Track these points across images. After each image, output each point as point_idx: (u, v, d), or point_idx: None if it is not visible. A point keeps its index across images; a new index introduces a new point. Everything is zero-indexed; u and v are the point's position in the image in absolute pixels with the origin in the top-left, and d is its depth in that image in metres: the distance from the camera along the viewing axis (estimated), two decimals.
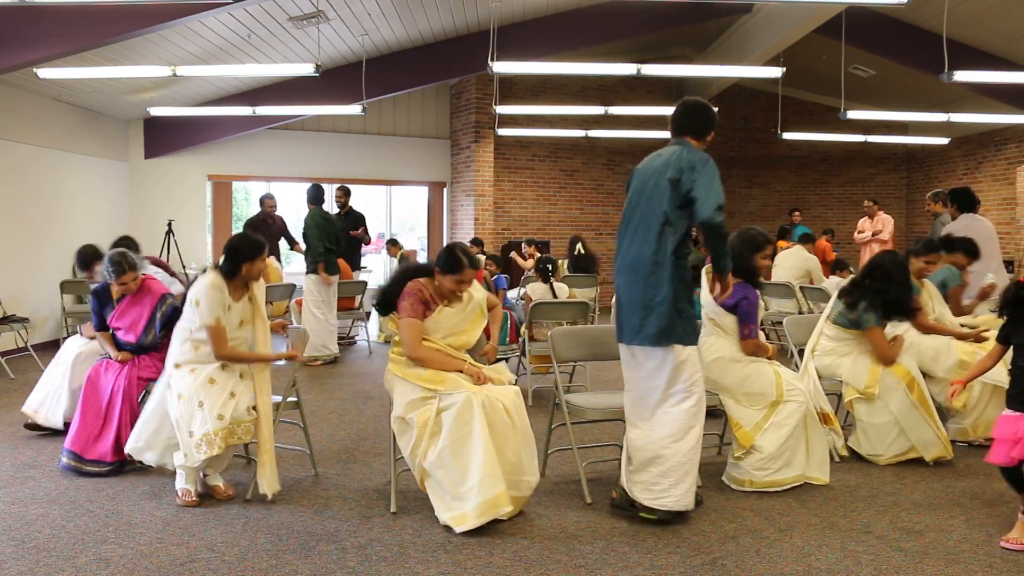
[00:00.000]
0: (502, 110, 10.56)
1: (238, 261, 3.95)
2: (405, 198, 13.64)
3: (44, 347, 8.54)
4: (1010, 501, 3.39)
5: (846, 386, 4.58)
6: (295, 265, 9.86)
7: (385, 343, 9.12)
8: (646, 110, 11.87)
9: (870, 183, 14.62)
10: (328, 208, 8.13)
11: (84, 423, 4.30)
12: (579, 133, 12.33)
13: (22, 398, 6.12)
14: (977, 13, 8.95)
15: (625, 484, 3.68)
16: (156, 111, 9.57)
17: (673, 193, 3.49)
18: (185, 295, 4.12)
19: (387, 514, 3.71)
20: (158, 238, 10.09)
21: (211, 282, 3.90)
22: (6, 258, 8.14)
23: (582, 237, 9.67)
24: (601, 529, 3.55)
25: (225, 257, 3.99)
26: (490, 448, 3.43)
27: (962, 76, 7.57)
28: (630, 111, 12.00)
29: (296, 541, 3.40)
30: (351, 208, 9.47)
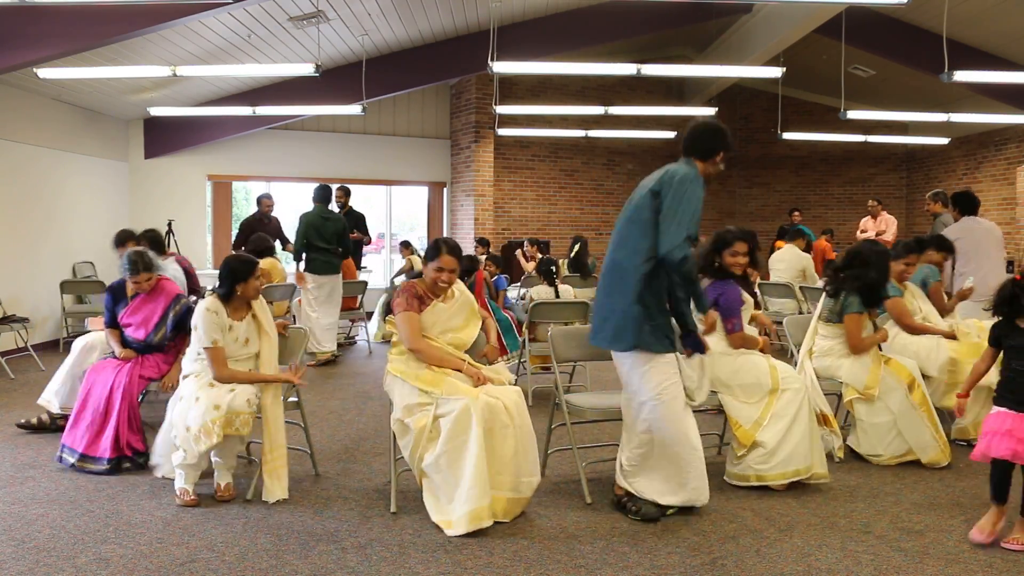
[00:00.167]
0: (502, 110, 10.56)
1: (232, 283, 4.03)
2: (405, 198, 13.62)
3: (44, 347, 8.55)
4: (1010, 501, 3.38)
5: (846, 386, 4.57)
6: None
7: (384, 342, 9.12)
8: (646, 110, 11.89)
9: (870, 183, 14.62)
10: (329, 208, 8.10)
11: (85, 419, 4.31)
12: (579, 133, 12.33)
13: (22, 398, 6.15)
14: (977, 13, 8.95)
15: (620, 481, 3.73)
16: (156, 111, 9.57)
17: (652, 204, 3.54)
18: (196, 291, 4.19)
19: (387, 514, 3.72)
20: None
21: (207, 306, 4.00)
22: (6, 258, 8.15)
23: (583, 238, 9.66)
24: (601, 529, 3.55)
25: (220, 281, 4.08)
26: (483, 459, 3.45)
27: (962, 76, 7.57)
28: (630, 111, 12.01)
29: (296, 541, 3.40)
30: (351, 208, 9.47)
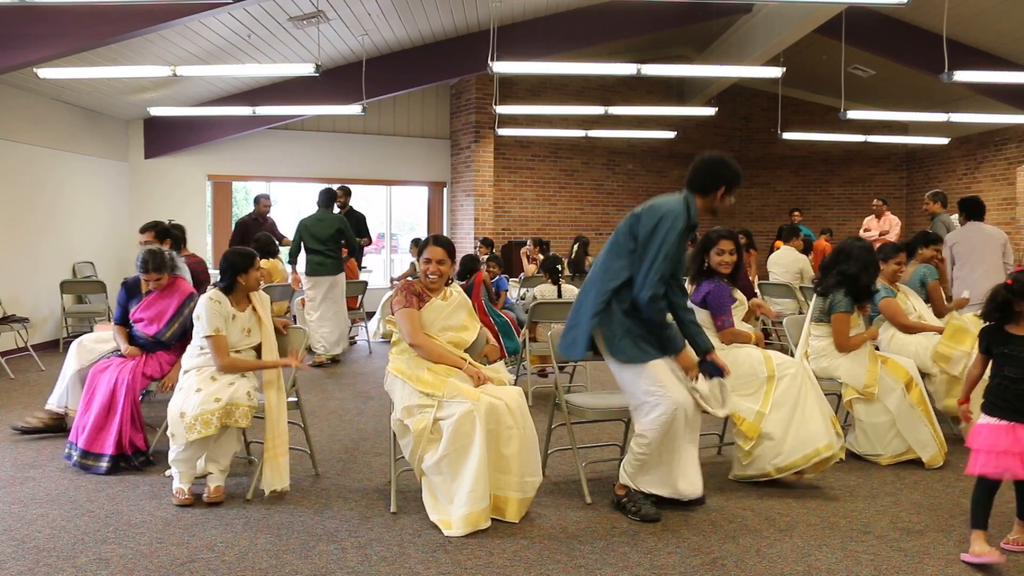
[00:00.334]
0: (502, 110, 10.56)
1: (234, 275, 4.13)
2: (405, 198, 13.62)
3: (44, 347, 8.55)
4: (1010, 501, 3.38)
5: (845, 387, 4.57)
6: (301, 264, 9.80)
7: (384, 340, 9.12)
8: (646, 110, 11.89)
9: (870, 183, 14.62)
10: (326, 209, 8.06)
11: (90, 417, 4.32)
12: (579, 133, 12.33)
13: (22, 398, 6.15)
14: (977, 13, 8.95)
15: (622, 479, 3.74)
16: (156, 111, 9.57)
17: (629, 231, 3.59)
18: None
19: (387, 514, 3.72)
20: None
21: (210, 296, 4.10)
22: (6, 258, 8.15)
23: (585, 239, 9.67)
24: (601, 529, 3.55)
25: (221, 274, 4.17)
26: (484, 463, 3.46)
27: (962, 76, 7.57)
28: (630, 111, 12.01)
29: (296, 541, 3.40)
30: (352, 208, 9.46)
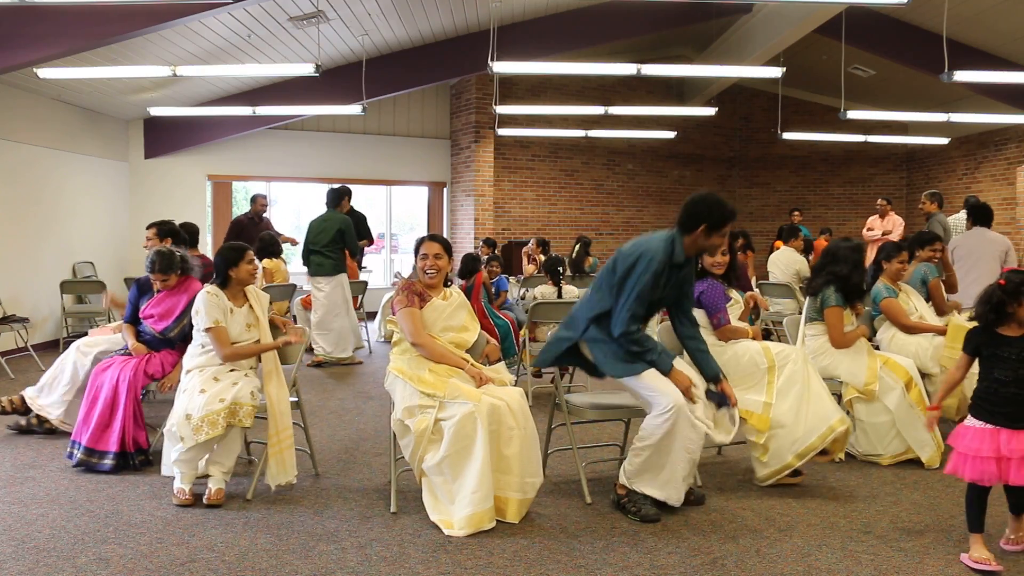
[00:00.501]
0: (502, 110, 10.56)
1: (225, 269, 4.21)
2: (405, 198, 13.62)
3: (44, 347, 8.55)
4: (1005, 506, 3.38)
5: (845, 386, 4.58)
6: (298, 264, 9.78)
7: (384, 341, 9.12)
8: (646, 110, 11.89)
9: (870, 183, 14.62)
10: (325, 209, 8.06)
11: (94, 416, 4.32)
12: (579, 133, 12.33)
13: None
14: (977, 13, 8.95)
15: (622, 479, 3.74)
16: (156, 111, 9.57)
17: (615, 265, 3.69)
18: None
19: (387, 514, 3.72)
20: None
21: (207, 290, 4.17)
22: (6, 258, 8.15)
23: (587, 239, 9.66)
24: (601, 529, 3.55)
25: (215, 272, 4.26)
26: (487, 464, 3.46)
27: (962, 76, 7.57)
28: (630, 111, 12.01)
29: (296, 541, 3.40)
30: (352, 208, 9.45)
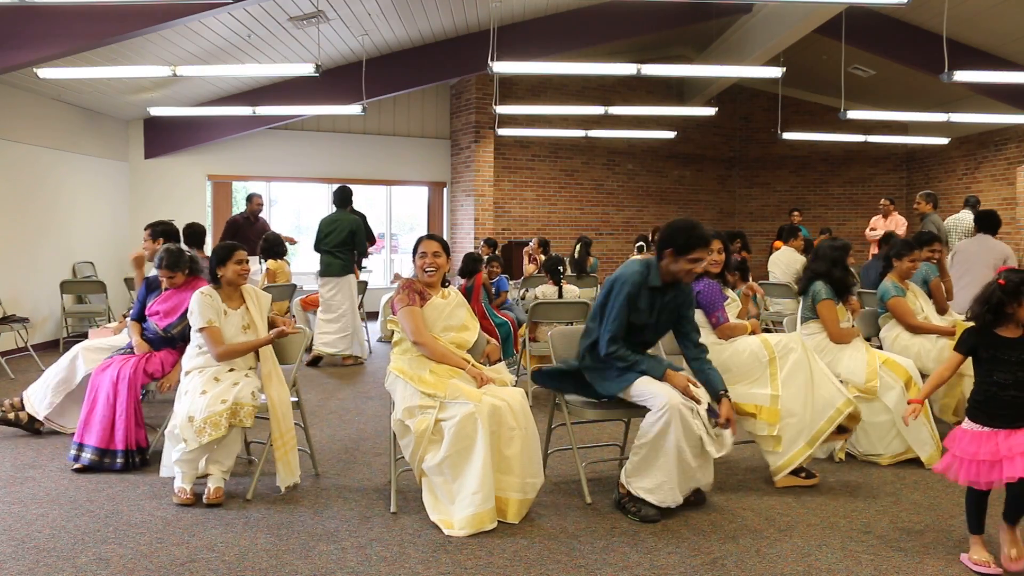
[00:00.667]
0: (502, 110, 10.56)
1: (215, 269, 4.21)
2: (405, 198, 13.62)
3: (44, 347, 8.55)
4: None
5: (846, 384, 4.58)
6: (299, 265, 9.78)
7: (385, 342, 9.12)
8: (646, 110, 11.89)
9: (870, 183, 14.62)
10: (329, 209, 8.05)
11: (96, 416, 4.32)
12: (579, 133, 12.32)
13: None
14: (977, 13, 8.95)
15: (622, 479, 3.75)
16: (156, 111, 9.57)
17: (606, 293, 3.86)
18: None
19: (387, 514, 3.72)
20: None
21: (201, 291, 4.17)
22: (6, 258, 8.15)
23: (588, 239, 9.66)
24: (601, 529, 3.55)
25: (210, 272, 4.28)
26: (488, 464, 3.46)
27: (962, 76, 7.57)
28: (630, 111, 12.01)
29: (296, 541, 3.40)
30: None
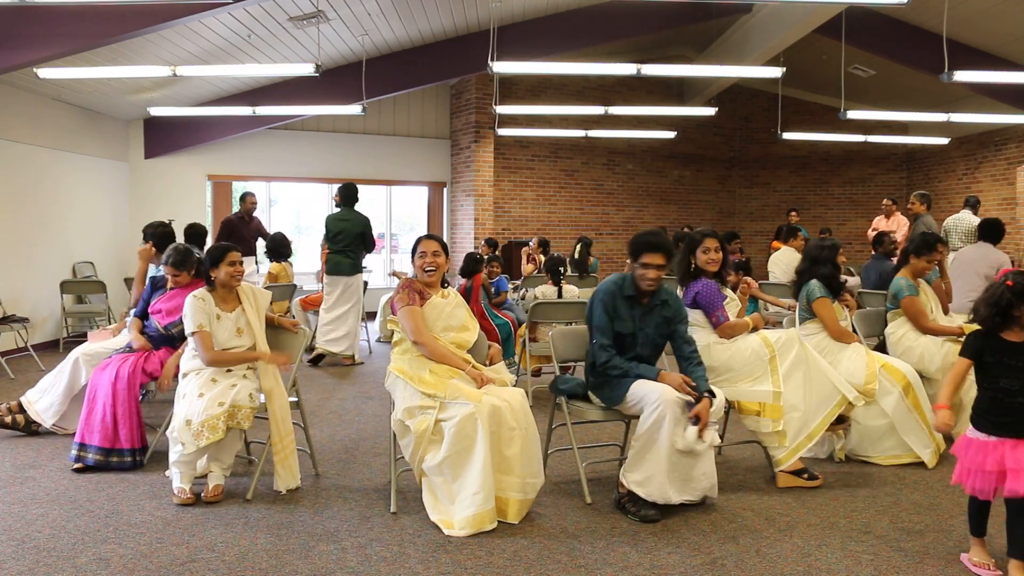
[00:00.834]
0: (502, 110, 10.56)
1: (207, 270, 4.19)
2: (405, 198, 13.62)
3: (44, 347, 8.55)
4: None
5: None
6: (299, 264, 9.76)
7: (385, 342, 9.12)
8: (646, 110, 11.89)
9: (870, 183, 14.62)
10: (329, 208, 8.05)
11: (97, 416, 4.32)
12: (579, 133, 12.33)
13: None
14: (977, 13, 8.95)
15: (621, 477, 3.76)
16: (156, 111, 9.57)
17: None
18: None
19: (387, 514, 3.72)
20: None
21: (195, 294, 4.14)
22: (6, 258, 8.15)
23: (587, 239, 9.65)
24: (601, 529, 3.55)
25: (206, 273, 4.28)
26: (488, 464, 3.47)
27: (962, 76, 7.57)
28: (630, 111, 12.01)
29: (296, 541, 3.40)
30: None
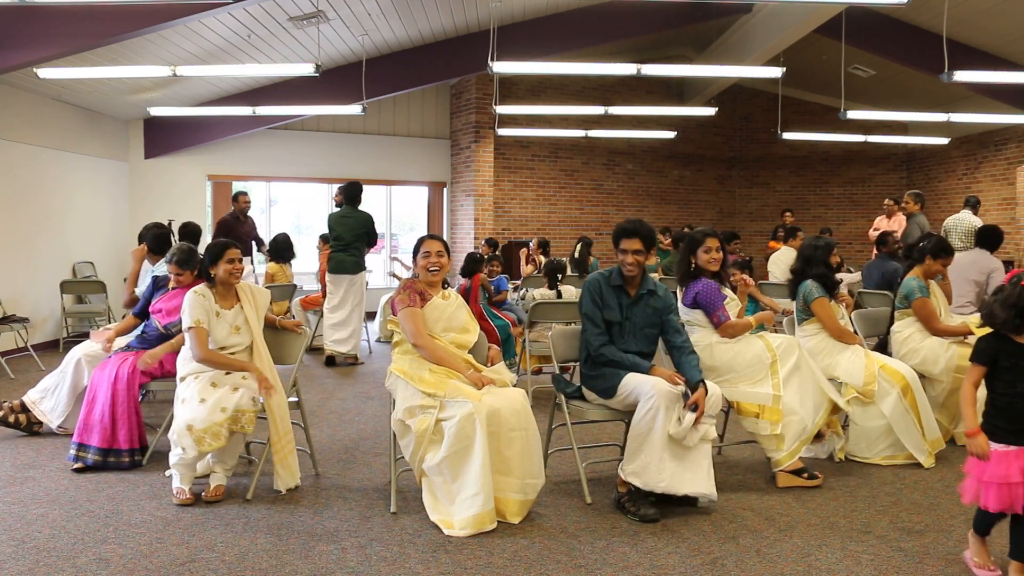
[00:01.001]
0: (502, 110, 10.56)
1: (207, 267, 4.18)
2: (405, 198, 13.62)
3: (44, 347, 8.55)
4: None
5: (845, 386, 4.58)
6: (299, 264, 9.75)
7: (385, 342, 9.12)
8: (646, 110, 11.89)
9: (870, 183, 14.63)
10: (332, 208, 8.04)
11: (96, 416, 4.32)
12: (579, 133, 12.33)
13: None
14: (977, 13, 8.96)
15: (620, 474, 3.77)
16: (156, 111, 9.57)
17: None
18: None
19: (387, 514, 3.72)
20: None
21: (195, 290, 4.12)
22: (6, 258, 8.15)
23: (587, 239, 9.66)
24: (601, 529, 3.55)
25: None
26: (487, 464, 3.47)
27: (962, 76, 7.57)
28: (630, 111, 12.02)
29: (296, 541, 3.40)
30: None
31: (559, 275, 6.96)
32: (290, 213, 13.96)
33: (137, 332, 4.86)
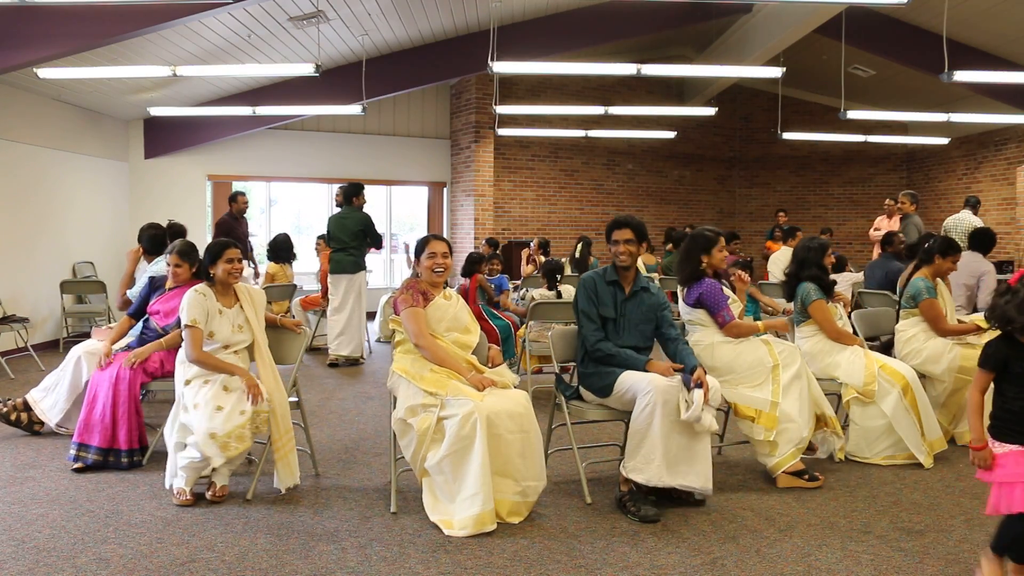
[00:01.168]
0: (502, 110, 10.56)
1: (207, 266, 4.18)
2: (405, 198, 13.63)
3: (44, 347, 8.55)
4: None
5: (845, 387, 4.59)
6: (299, 264, 9.73)
7: (385, 342, 9.12)
8: (646, 110, 11.90)
9: (870, 183, 14.63)
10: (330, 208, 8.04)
11: (96, 416, 4.32)
12: (579, 133, 12.33)
13: None
14: (977, 13, 8.95)
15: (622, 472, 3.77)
16: (156, 111, 9.57)
17: None
18: None
19: (387, 514, 3.72)
20: None
21: (196, 288, 4.12)
22: (6, 258, 8.15)
23: (587, 239, 9.66)
24: (601, 529, 3.55)
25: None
26: (487, 464, 3.46)
27: (962, 76, 7.57)
28: (630, 111, 12.02)
29: (296, 541, 3.40)
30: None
31: (557, 275, 6.96)
32: (290, 213, 13.98)
33: (137, 332, 4.85)
